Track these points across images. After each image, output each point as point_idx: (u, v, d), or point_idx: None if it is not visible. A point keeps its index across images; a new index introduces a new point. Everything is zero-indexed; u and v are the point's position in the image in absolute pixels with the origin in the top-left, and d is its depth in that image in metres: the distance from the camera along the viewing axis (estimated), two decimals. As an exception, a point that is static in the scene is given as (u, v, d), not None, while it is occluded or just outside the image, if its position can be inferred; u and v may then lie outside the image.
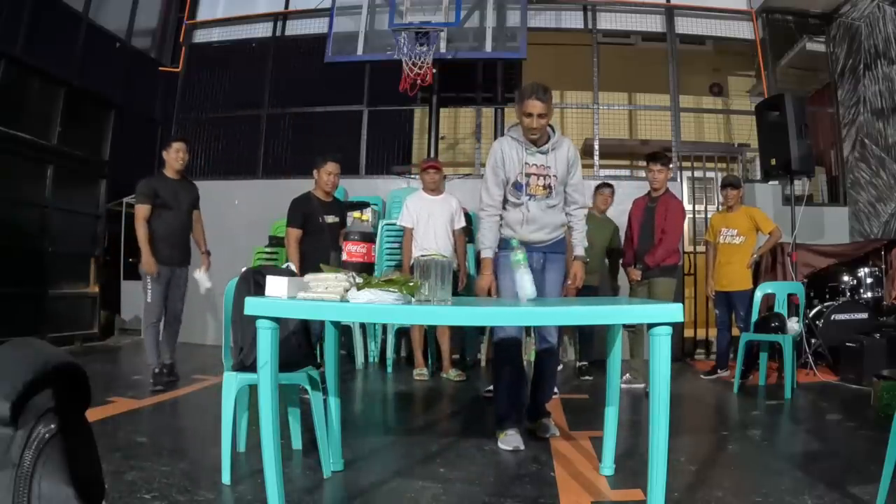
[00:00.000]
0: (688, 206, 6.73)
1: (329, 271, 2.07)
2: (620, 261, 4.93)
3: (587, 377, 4.89)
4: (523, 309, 2.19)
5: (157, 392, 4.00)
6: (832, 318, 5.00)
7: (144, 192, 4.19)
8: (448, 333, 4.92)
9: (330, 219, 4.27)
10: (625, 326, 3.55)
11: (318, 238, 4.20)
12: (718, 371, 4.92)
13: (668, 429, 1.83)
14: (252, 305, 1.92)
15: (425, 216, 4.75)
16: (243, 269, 2.66)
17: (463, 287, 4.80)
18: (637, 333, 4.60)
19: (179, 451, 2.82)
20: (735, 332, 4.98)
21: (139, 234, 4.15)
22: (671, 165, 5.34)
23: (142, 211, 4.17)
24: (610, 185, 5.24)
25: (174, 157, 4.32)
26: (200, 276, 4.45)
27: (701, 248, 6.04)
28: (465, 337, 5.83)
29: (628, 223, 4.70)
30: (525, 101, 2.93)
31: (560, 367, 4.83)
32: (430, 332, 5.24)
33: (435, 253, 4.54)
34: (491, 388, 4.02)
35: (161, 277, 4.23)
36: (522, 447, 2.85)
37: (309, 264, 3.84)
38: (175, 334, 4.43)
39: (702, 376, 4.97)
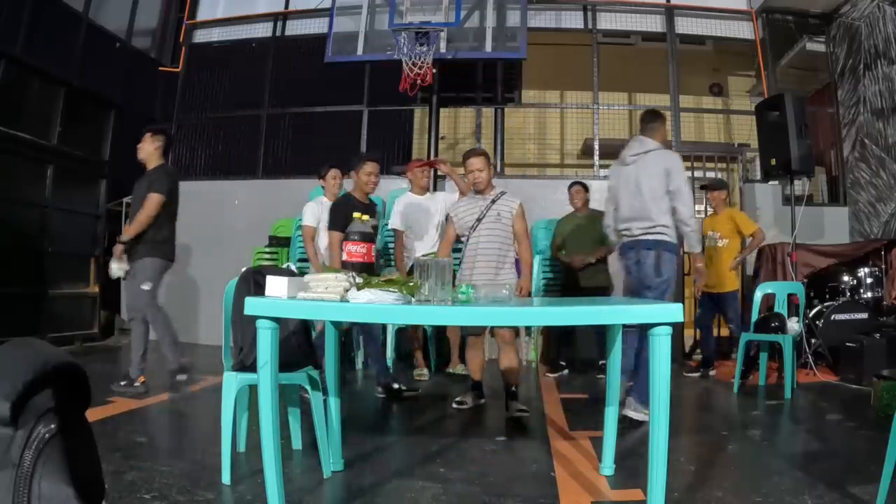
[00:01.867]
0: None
1: (329, 272, 2.07)
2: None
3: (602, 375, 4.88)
4: (524, 309, 2.19)
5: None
6: (832, 318, 5.00)
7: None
8: (457, 330, 4.91)
9: (371, 221, 4.17)
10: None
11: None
12: (702, 370, 4.96)
13: (668, 429, 1.83)
14: (252, 305, 1.92)
15: (423, 216, 4.73)
16: (243, 269, 2.66)
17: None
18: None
19: (179, 451, 2.83)
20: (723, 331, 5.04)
21: None
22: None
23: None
24: (578, 183, 5.37)
25: None
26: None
27: None
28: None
29: None
30: None
31: None
32: (429, 333, 5.24)
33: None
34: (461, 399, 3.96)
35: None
36: None
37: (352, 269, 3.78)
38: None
39: (685, 374, 4.99)
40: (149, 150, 4.15)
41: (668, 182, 3.45)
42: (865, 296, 5.28)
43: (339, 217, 3.97)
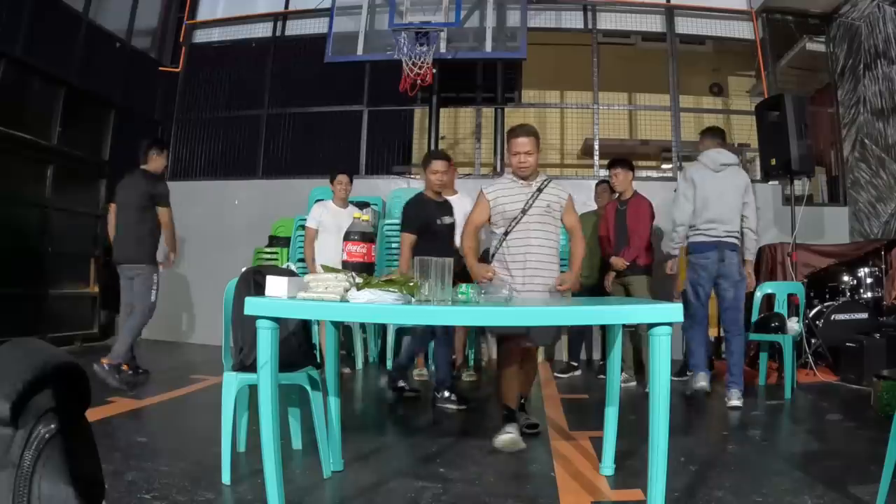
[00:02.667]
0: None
1: (328, 271, 2.07)
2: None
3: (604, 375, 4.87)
4: (523, 309, 2.19)
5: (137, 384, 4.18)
6: (832, 318, 5.00)
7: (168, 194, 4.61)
8: (463, 333, 4.89)
9: (446, 220, 4.00)
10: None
11: (434, 242, 3.80)
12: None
13: (668, 429, 1.83)
14: (252, 305, 1.92)
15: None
16: (243, 269, 2.66)
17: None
18: (627, 332, 4.59)
19: (179, 451, 2.82)
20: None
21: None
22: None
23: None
24: (606, 182, 5.35)
25: None
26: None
27: None
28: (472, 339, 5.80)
29: (604, 225, 4.84)
30: None
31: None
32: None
33: None
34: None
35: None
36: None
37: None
38: None
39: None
40: None
41: (745, 194, 4.03)
42: (865, 296, 5.28)
43: (413, 219, 3.90)
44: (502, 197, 3.10)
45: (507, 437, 2.87)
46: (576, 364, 5.27)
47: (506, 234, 3.07)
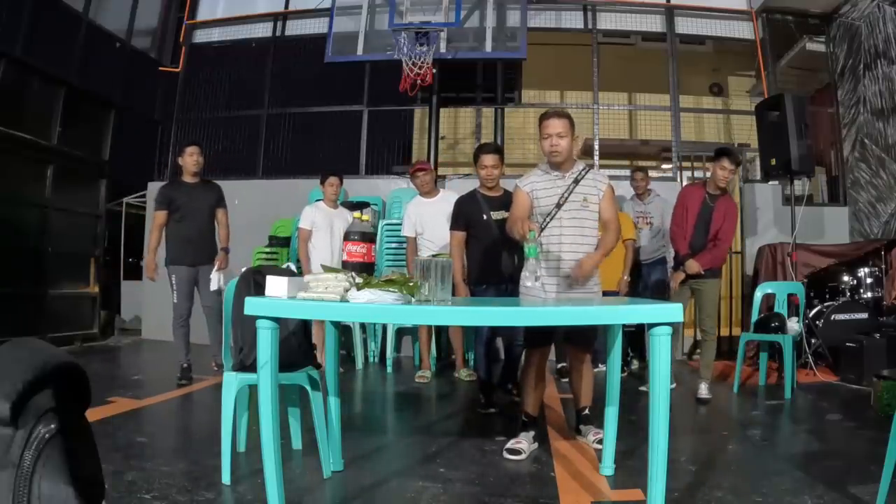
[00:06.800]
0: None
1: (328, 271, 2.07)
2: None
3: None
4: (523, 309, 2.19)
5: (181, 385, 4.24)
6: (832, 318, 5.00)
7: (158, 199, 4.56)
8: (461, 333, 4.89)
9: (498, 215, 3.74)
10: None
11: (483, 238, 3.72)
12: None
13: (668, 429, 1.83)
14: (252, 305, 1.92)
15: (429, 221, 4.70)
16: (243, 269, 2.66)
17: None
18: (708, 340, 4.27)
19: (179, 451, 2.83)
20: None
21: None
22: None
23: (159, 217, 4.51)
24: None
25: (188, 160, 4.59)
26: (213, 276, 4.62)
27: None
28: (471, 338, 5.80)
29: (682, 212, 4.24)
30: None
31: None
32: (439, 335, 5.22)
33: (446, 255, 4.50)
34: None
35: (184, 277, 4.45)
36: None
37: (475, 266, 3.75)
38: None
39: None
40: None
41: None
42: (865, 296, 5.28)
43: (458, 216, 3.85)
44: (537, 190, 2.83)
45: (516, 446, 2.76)
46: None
47: (540, 230, 2.74)
